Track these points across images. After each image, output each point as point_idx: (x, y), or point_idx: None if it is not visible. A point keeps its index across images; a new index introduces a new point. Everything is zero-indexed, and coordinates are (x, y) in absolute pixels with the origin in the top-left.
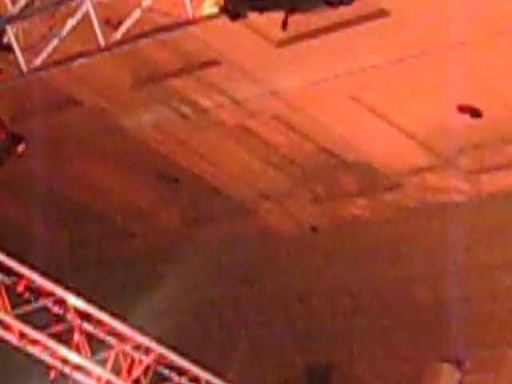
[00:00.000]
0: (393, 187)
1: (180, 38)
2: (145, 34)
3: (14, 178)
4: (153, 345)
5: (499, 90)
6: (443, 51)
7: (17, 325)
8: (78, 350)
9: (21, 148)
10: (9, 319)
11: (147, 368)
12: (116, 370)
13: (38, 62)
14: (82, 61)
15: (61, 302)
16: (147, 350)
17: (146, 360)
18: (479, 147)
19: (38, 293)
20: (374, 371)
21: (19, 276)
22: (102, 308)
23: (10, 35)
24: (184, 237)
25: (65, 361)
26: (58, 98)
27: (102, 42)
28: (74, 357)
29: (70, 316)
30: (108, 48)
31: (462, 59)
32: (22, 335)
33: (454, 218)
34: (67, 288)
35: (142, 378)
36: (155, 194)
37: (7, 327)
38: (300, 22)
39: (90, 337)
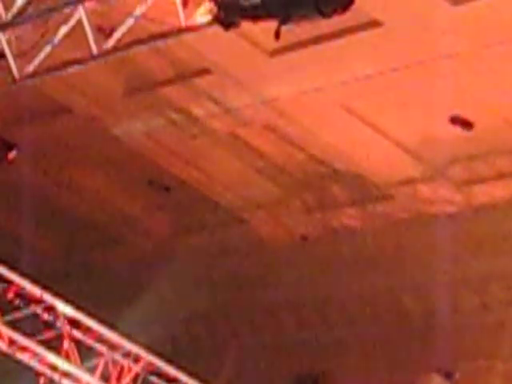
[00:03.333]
0: (384, 197)
1: (172, 46)
2: (137, 42)
3: (4, 184)
4: (142, 352)
5: (490, 101)
6: (435, 62)
7: (6, 331)
8: (67, 357)
9: (12, 155)
10: None
11: (136, 376)
12: (105, 378)
13: (30, 69)
14: (74, 68)
15: (50, 309)
16: (136, 358)
17: (135, 368)
18: (470, 158)
19: (28, 299)
20: (363, 382)
21: (9, 282)
22: (91, 315)
23: (3, 42)
24: (174, 245)
25: (54, 368)
26: (50, 105)
27: (94, 49)
28: (63, 364)
29: (59, 323)
30: (100, 56)
31: (454, 70)
32: (12, 342)
33: (445, 228)
34: (57, 295)
35: None
36: (146, 201)
37: None
38: (293, 31)
39: (79, 344)
